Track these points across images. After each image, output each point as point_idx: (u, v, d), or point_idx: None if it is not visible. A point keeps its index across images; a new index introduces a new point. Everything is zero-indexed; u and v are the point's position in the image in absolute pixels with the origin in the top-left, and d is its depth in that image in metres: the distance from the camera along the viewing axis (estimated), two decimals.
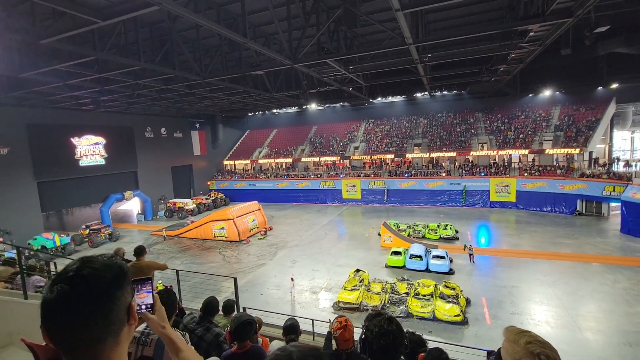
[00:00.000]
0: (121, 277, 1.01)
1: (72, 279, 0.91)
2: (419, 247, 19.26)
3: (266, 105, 36.37)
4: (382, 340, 1.81)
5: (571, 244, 21.04)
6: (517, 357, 1.29)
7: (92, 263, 0.97)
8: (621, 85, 29.86)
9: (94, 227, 27.54)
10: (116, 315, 0.96)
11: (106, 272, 0.97)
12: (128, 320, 1.01)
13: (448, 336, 11.90)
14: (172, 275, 8.40)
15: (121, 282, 1.00)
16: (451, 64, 22.49)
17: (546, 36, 15.48)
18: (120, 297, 0.98)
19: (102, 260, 1.01)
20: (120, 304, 0.98)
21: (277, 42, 16.79)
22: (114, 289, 0.97)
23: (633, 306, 13.51)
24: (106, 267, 0.98)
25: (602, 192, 25.71)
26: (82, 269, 0.95)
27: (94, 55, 13.89)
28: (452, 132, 37.63)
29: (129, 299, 1.02)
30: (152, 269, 5.80)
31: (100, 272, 0.96)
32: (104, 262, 1.00)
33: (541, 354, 1.24)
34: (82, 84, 19.67)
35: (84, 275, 0.93)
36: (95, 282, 0.93)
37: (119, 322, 0.97)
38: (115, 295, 0.97)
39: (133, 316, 1.02)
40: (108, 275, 0.97)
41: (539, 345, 1.27)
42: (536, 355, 1.24)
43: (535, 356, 1.24)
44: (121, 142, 33.56)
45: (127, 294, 1.02)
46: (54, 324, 0.89)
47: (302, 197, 39.52)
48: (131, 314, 1.02)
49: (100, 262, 0.99)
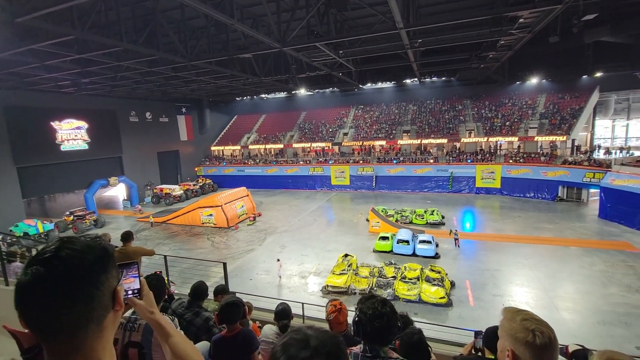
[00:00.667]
0: (105, 259, 0.93)
1: (49, 260, 0.84)
2: (406, 232, 19.63)
3: (254, 89, 35.70)
4: (377, 322, 1.83)
5: (552, 229, 21.78)
6: (513, 332, 1.35)
7: (73, 244, 0.90)
8: (605, 74, 30.40)
9: (78, 213, 27.00)
10: (99, 301, 0.89)
11: (88, 253, 0.89)
12: (113, 306, 0.94)
13: (433, 317, 12.31)
14: (160, 261, 8.34)
15: (105, 264, 0.93)
16: (441, 50, 22.41)
17: (535, 23, 15.52)
18: (104, 282, 0.91)
19: (84, 241, 0.93)
20: (104, 288, 0.91)
21: (265, 25, 16.35)
22: (96, 272, 0.89)
23: (608, 287, 14.20)
24: (88, 248, 0.91)
25: (583, 179, 26.52)
26: (60, 249, 0.87)
27: (73, 35, 13.26)
28: (441, 119, 37.88)
29: (114, 283, 0.95)
30: (139, 255, 5.74)
31: (80, 254, 0.88)
32: (86, 243, 0.92)
33: (536, 329, 1.30)
34: (62, 64, 18.83)
35: (62, 256, 0.85)
36: (75, 264, 0.85)
37: (103, 307, 0.90)
38: (97, 279, 0.89)
39: (118, 302, 0.95)
40: (90, 257, 0.89)
41: (534, 322, 1.33)
42: (531, 331, 1.30)
43: (530, 332, 1.30)
44: (104, 127, 32.53)
45: (111, 278, 0.94)
46: (28, 308, 0.82)
47: (291, 183, 39.47)
48: (116, 299, 0.95)
49: (81, 243, 0.92)
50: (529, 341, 1.29)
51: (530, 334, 1.29)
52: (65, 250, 0.87)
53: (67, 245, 0.89)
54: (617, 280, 14.73)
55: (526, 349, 1.30)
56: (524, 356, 1.31)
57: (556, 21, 17.70)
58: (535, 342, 1.28)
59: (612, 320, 11.94)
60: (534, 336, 1.29)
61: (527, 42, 19.58)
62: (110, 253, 0.97)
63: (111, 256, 0.97)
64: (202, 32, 17.08)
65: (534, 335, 1.29)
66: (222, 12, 12.17)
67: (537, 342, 1.28)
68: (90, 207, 29.93)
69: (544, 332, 1.30)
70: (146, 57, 17.54)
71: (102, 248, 0.95)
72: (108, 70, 20.77)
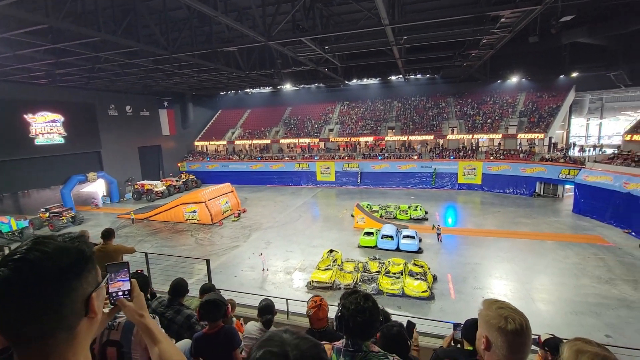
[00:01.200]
0: (80, 263, 0.88)
1: (17, 262, 0.79)
2: (390, 227, 19.91)
3: (239, 84, 35.18)
4: (359, 317, 1.85)
5: (529, 223, 22.58)
6: (488, 319, 1.43)
7: (45, 245, 0.84)
8: (581, 75, 31.57)
9: (55, 210, 26.02)
10: (70, 308, 0.83)
11: (60, 256, 0.84)
12: (86, 313, 0.88)
13: (416, 311, 12.58)
14: (142, 259, 8.17)
15: (79, 269, 0.87)
16: (426, 47, 22.68)
17: (516, 23, 15.91)
18: (77, 288, 0.85)
19: (59, 242, 0.87)
20: (76, 295, 0.85)
21: (250, 18, 16.08)
22: (68, 278, 0.84)
23: (580, 279, 14.87)
24: (61, 250, 0.85)
25: (559, 175, 27.56)
26: (30, 251, 0.81)
27: (46, 24, 12.65)
28: (425, 116, 38.45)
29: (89, 289, 0.89)
30: (119, 253, 5.60)
31: (52, 257, 0.82)
32: (60, 245, 0.86)
33: (508, 316, 1.37)
34: (35, 54, 17.96)
35: (31, 259, 0.80)
36: (45, 267, 0.79)
37: (74, 315, 0.85)
38: (69, 284, 0.84)
39: (92, 309, 0.89)
40: (62, 260, 0.83)
41: (508, 310, 1.41)
42: (504, 317, 1.38)
43: (503, 318, 1.37)
44: (82, 120, 31.30)
45: (86, 283, 0.88)
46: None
47: (277, 179, 39.27)
48: (90, 306, 0.89)
49: (54, 244, 0.86)
50: (501, 327, 1.36)
51: (503, 320, 1.37)
52: (35, 252, 0.82)
53: (38, 247, 0.84)
54: (588, 272, 15.45)
55: (499, 334, 1.37)
56: (496, 342, 1.38)
57: (536, 22, 18.20)
58: (507, 327, 1.35)
59: (583, 310, 12.53)
60: (506, 322, 1.36)
61: (508, 42, 20.07)
62: (87, 256, 0.92)
63: (88, 260, 0.91)
64: (184, 24, 16.64)
65: (506, 321, 1.36)
66: (205, 3, 11.89)
67: (508, 328, 1.35)
68: (67, 203, 28.87)
69: (516, 319, 1.36)
70: (126, 49, 16.95)
71: (77, 251, 0.89)
72: (85, 61, 19.97)
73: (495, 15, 15.03)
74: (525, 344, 1.36)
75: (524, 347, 1.36)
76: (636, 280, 14.57)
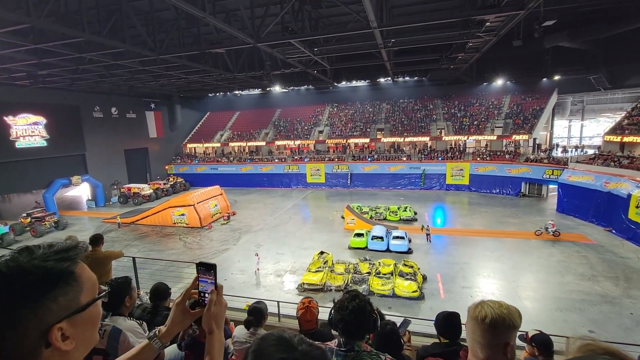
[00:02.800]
0: (40, 288, 0.74)
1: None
2: (380, 228, 20.04)
3: (228, 85, 34.93)
4: (342, 315, 1.87)
5: (515, 223, 23.06)
6: (471, 312, 1.52)
7: (4, 264, 0.74)
8: (563, 77, 32.56)
9: (37, 214, 25.24)
10: (17, 342, 0.70)
11: (16, 279, 0.72)
12: (47, 346, 0.74)
13: (406, 311, 12.68)
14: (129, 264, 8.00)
15: (35, 296, 0.73)
16: (413, 50, 22.99)
17: (500, 27, 16.30)
18: (28, 319, 0.71)
19: (27, 259, 0.75)
20: (26, 327, 0.71)
21: (238, 19, 16.02)
22: (16, 306, 0.71)
23: (564, 276, 15.26)
24: (20, 272, 0.73)
25: (543, 175, 28.26)
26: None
27: (27, 23, 12.31)
28: (413, 118, 38.91)
29: (49, 320, 0.74)
30: (110, 260, 5.44)
31: (4, 279, 0.71)
32: (22, 265, 0.74)
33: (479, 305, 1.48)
34: (15, 55, 17.46)
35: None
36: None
37: (26, 349, 0.71)
38: (16, 314, 0.70)
39: (52, 343, 0.74)
40: (15, 284, 0.71)
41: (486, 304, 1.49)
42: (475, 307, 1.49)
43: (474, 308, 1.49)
44: (65, 123, 30.53)
45: (44, 312, 0.73)
46: None
47: (266, 181, 39.08)
48: (50, 340, 0.73)
49: (17, 262, 0.74)
50: (470, 312, 1.49)
51: (473, 308, 1.48)
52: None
53: (2, 264, 0.74)
54: (572, 269, 15.87)
55: (469, 320, 1.49)
56: (467, 327, 1.50)
57: (519, 26, 18.68)
58: (474, 314, 1.46)
59: (567, 307, 12.86)
60: (474, 311, 1.47)
61: (493, 46, 20.53)
62: (55, 278, 0.77)
63: (56, 284, 0.76)
64: (171, 25, 16.45)
65: (475, 309, 1.47)
66: (193, 4, 11.78)
67: (473, 314, 1.46)
68: (50, 207, 28.06)
69: (482, 309, 1.45)
70: (111, 50, 16.63)
71: (44, 273, 0.75)
72: (68, 62, 19.50)
73: (481, 20, 15.37)
74: (485, 337, 1.42)
75: (485, 339, 1.42)
76: (617, 276, 15.04)
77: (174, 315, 1.28)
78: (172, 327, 1.27)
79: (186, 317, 1.29)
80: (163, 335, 1.25)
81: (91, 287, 0.85)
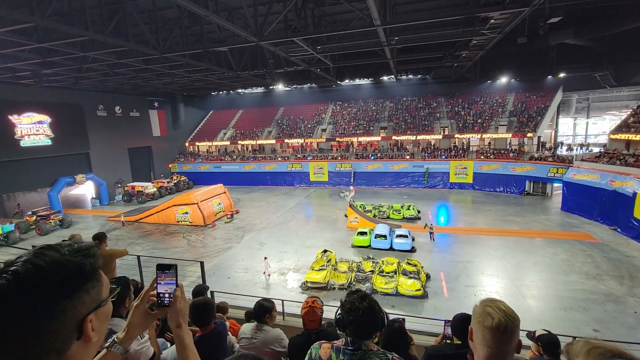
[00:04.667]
0: (76, 281, 0.79)
1: (7, 276, 0.72)
2: (383, 227, 20.01)
3: (231, 84, 34.95)
4: (353, 316, 1.86)
5: (519, 221, 22.94)
6: (475, 315, 1.50)
7: (42, 258, 0.77)
8: (568, 75, 32.22)
9: (42, 213, 25.45)
10: (55, 333, 0.74)
11: (54, 273, 0.75)
12: (79, 337, 0.79)
13: (409, 309, 12.67)
14: (134, 262, 8.05)
15: (72, 288, 0.79)
16: (417, 48, 22.85)
17: (505, 24, 16.15)
18: (67, 310, 0.76)
19: (58, 255, 0.79)
20: (65, 318, 0.76)
21: (241, 17, 15.98)
22: (58, 298, 0.75)
23: (569, 275, 15.17)
24: (57, 266, 0.77)
25: (547, 174, 28.08)
26: (26, 263, 0.74)
27: (31, 22, 12.38)
28: (417, 116, 38.76)
29: (83, 311, 0.80)
30: (114, 258, 5.47)
31: (44, 273, 0.74)
32: (57, 260, 0.78)
33: (491, 313, 1.44)
34: (20, 54, 17.56)
35: (19, 272, 0.72)
36: (31, 284, 0.72)
37: (62, 339, 0.76)
38: (55, 307, 0.75)
39: (86, 334, 0.80)
40: (54, 277, 0.75)
41: (494, 308, 1.45)
42: (487, 314, 1.45)
43: (485, 314, 1.45)
44: (70, 121, 30.71)
45: (80, 304, 0.80)
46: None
47: (270, 179, 39.12)
48: (84, 330, 0.80)
49: (52, 258, 0.78)
50: (480, 321, 1.45)
51: (484, 316, 1.44)
52: (29, 265, 0.75)
53: (35, 260, 0.76)
54: (577, 268, 15.77)
55: (478, 328, 1.46)
56: (477, 334, 1.47)
57: (524, 23, 18.54)
58: (484, 323, 1.43)
59: (572, 306, 12.78)
60: (485, 318, 1.44)
61: (498, 43, 20.36)
62: (87, 273, 0.83)
63: (87, 277, 0.83)
64: (175, 24, 16.45)
65: (485, 317, 1.44)
66: (196, 2, 11.78)
67: (485, 324, 1.42)
68: (55, 206, 28.30)
69: (495, 316, 1.42)
70: (114, 48, 16.69)
71: (77, 267, 0.81)
72: (72, 61, 19.60)
73: (485, 17, 15.24)
74: (500, 341, 1.41)
75: (500, 343, 1.41)
76: (622, 275, 14.93)
77: (132, 318, 1.28)
78: (132, 330, 1.28)
79: (148, 319, 1.31)
80: (123, 339, 1.25)
81: (106, 283, 0.92)
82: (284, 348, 3.37)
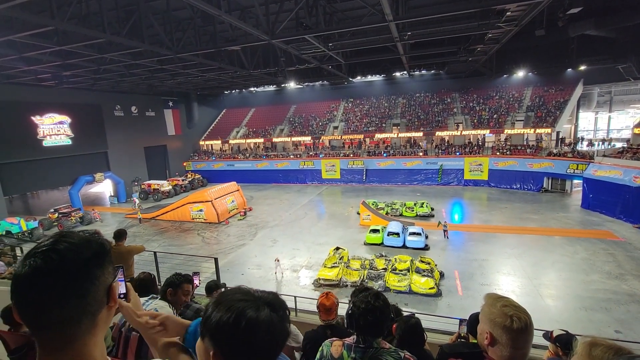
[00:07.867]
0: (102, 255, 0.94)
1: (46, 252, 0.84)
2: (396, 224, 19.85)
3: (243, 83, 35.24)
4: (369, 316, 1.85)
5: (537, 219, 22.35)
6: (493, 317, 1.43)
7: (70, 238, 0.90)
8: (589, 68, 31.04)
9: (63, 210, 26.39)
10: (93, 296, 0.89)
11: (85, 247, 0.90)
12: (108, 301, 0.94)
13: (423, 308, 12.56)
14: (150, 258, 8.26)
15: (102, 260, 0.93)
16: (430, 42, 22.47)
17: (522, 16, 15.68)
18: (100, 277, 0.91)
19: (82, 235, 0.94)
20: (99, 284, 0.91)
21: (253, 16, 16.06)
22: (92, 267, 0.90)
23: (589, 274, 14.70)
24: (86, 242, 0.92)
25: (567, 170, 27.21)
26: (58, 242, 0.87)
27: (52, 26, 12.77)
28: (430, 112, 38.17)
29: (110, 279, 0.95)
30: (132, 254, 5.64)
31: (78, 248, 0.88)
32: (84, 238, 0.93)
33: (514, 315, 1.38)
34: (41, 57, 18.19)
35: (60, 249, 0.85)
36: (72, 258, 0.86)
37: (97, 303, 0.91)
38: (94, 274, 0.90)
39: (113, 298, 0.96)
40: (87, 251, 0.90)
41: (513, 309, 1.40)
42: (509, 316, 1.38)
43: (509, 317, 1.38)
44: (88, 121, 31.63)
45: (107, 273, 0.94)
46: (23, 300, 0.83)
47: (282, 177, 39.34)
48: (111, 295, 0.95)
49: (79, 237, 0.92)
50: (507, 325, 1.39)
51: (509, 319, 1.38)
52: (63, 243, 0.88)
53: (65, 239, 0.89)
54: (598, 267, 15.26)
55: (504, 332, 1.40)
56: (501, 339, 1.41)
57: (542, 15, 17.94)
58: (512, 326, 1.37)
59: (592, 306, 12.39)
60: (512, 321, 1.38)
61: (514, 36, 19.80)
62: (108, 249, 0.98)
63: (108, 252, 0.97)
64: (188, 24, 16.69)
65: (512, 320, 1.38)
66: (209, 2, 11.91)
67: (514, 326, 1.37)
68: (75, 204, 29.25)
69: (521, 318, 1.39)
70: (130, 49, 17.05)
71: (99, 243, 0.96)
72: (90, 62, 20.15)
73: (501, 9, 14.85)
74: (528, 340, 1.40)
75: (528, 343, 1.40)
76: None
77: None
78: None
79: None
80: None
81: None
82: (298, 343, 3.41)
